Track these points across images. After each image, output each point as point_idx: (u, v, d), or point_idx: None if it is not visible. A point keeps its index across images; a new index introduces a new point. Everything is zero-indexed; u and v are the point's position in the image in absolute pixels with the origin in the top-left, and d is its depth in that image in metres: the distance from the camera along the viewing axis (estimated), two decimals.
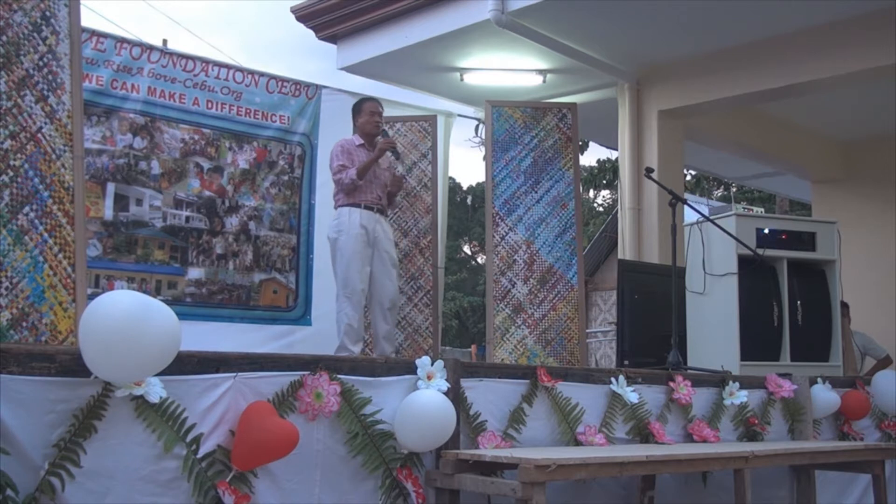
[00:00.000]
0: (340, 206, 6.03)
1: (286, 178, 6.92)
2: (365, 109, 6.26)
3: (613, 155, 10.20)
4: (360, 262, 5.88)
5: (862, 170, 10.43)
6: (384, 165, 6.21)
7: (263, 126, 6.82)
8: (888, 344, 7.91)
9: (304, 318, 6.91)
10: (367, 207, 6.00)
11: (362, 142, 6.17)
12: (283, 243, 6.87)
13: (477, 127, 8.58)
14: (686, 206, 5.81)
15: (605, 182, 28.85)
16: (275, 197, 6.84)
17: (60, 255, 3.42)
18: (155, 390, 2.82)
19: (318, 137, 7.07)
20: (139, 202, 6.18)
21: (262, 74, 6.85)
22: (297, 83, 7.03)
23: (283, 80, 6.95)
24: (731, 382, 4.71)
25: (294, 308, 6.90)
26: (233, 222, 6.60)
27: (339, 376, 3.30)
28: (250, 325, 6.60)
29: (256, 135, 6.78)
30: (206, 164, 6.52)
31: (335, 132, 6.99)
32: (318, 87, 7.14)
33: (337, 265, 5.97)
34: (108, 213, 6.02)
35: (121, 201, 6.09)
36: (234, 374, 3.06)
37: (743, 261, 5.46)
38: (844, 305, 6.57)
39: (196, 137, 6.48)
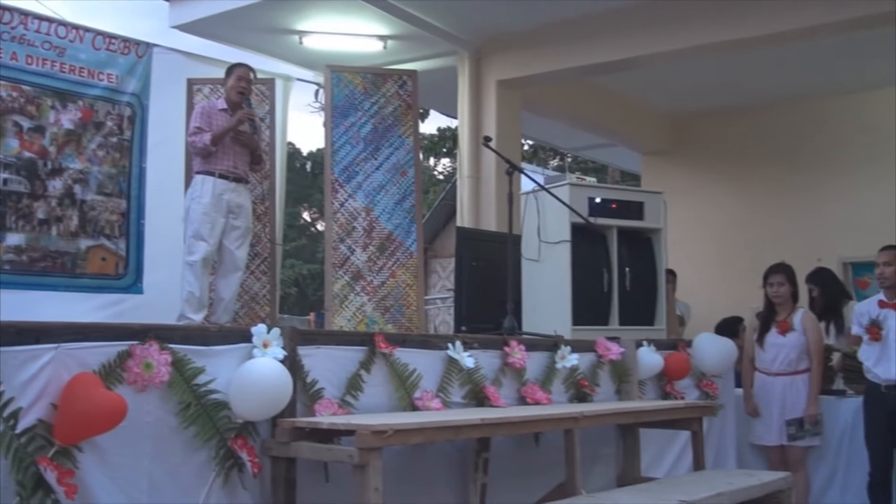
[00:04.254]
0: (196, 172, 5.98)
1: (115, 139, 6.61)
2: (233, 74, 6.16)
3: (453, 123, 10.30)
4: (207, 230, 5.85)
5: (688, 142, 10.94)
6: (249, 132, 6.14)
7: (89, 84, 6.48)
8: (711, 309, 8.35)
9: (135, 286, 6.67)
10: (221, 176, 5.95)
11: (225, 107, 6.09)
12: (112, 208, 6.57)
13: (316, 92, 8.46)
14: (523, 175, 5.92)
15: (445, 150, 29.10)
16: (102, 160, 6.52)
17: None
18: None
19: (149, 98, 6.79)
20: None
21: (87, 30, 6.50)
22: (125, 40, 6.71)
23: (110, 37, 6.62)
24: (562, 346, 4.85)
25: (124, 276, 6.64)
26: (56, 185, 6.26)
27: (170, 345, 3.20)
28: (77, 293, 6.31)
29: (82, 93, 6.44)
30: (25, 124, 6.13)
31: (167, 93, 6.77)
32: (149, 46, 6.84)
33: (186, 232, 5.92)
34: None
35: None
36: (56, 345, 2.91)
37: (575, 229, 5.61)
38: (671, 273, 6.89)
39: (14, 94, 6.09)
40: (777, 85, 9.48)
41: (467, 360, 4.25)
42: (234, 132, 5.98)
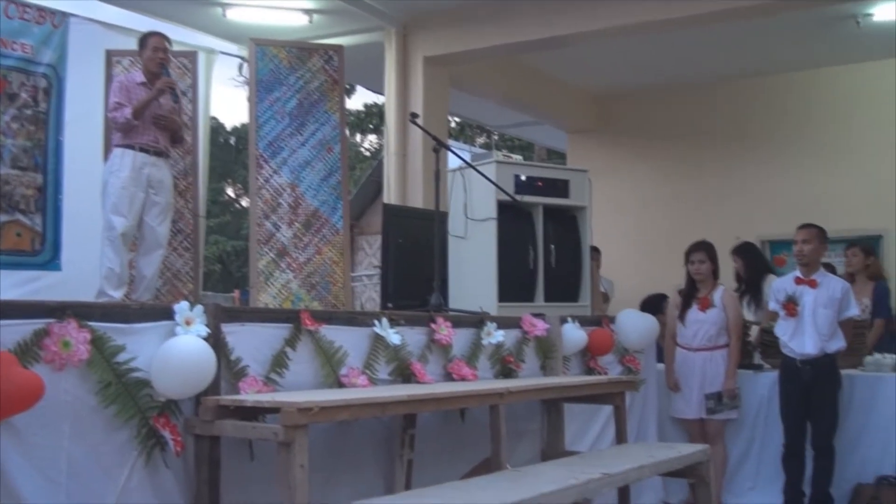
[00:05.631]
0: (115, 146, 5.85)
1: (30, 112, 6.40)
2: (149, 44, 6.02)
3: (380, 99, 10.25)
4: (126, 205, 5.74)
5: (612, 121, 11.08)
6: (167, 106, 5.97)
7: (2, 55, 6.22)
8: (635, 286, 8.48)
9: (52, 263, 6.48)
10: (142, 150, 5.84)
11: (144, 80, 5.93)
12: (28, 183, 6.37)
13: (240, 66, 8.31)
14: (449, 153, 5.92)
15: (371, 126, 28.93)
16: (16, 132, 6.31)
17: None
18: None
19: (66, 70, 6.57)
20: None
21: None
22: (40, 9, 6.48)
23: (24, 5, 6.38)
24: (488, 323, 4.88)
25: (41, 252, 6.45)
26: None
27: (89, 323, 3.13)
28: None
29: None
30: None
31: (85, 65, 6.57)
32: (66, 15, 6.62)
33: (103, 207, 5.79)
34: None
35: None
36: None
37: (502, 206, 5.64)
38: (595, 250, 6.97)
39: None
40: (698, 66, 9.65)
41: (394, 336, 4.25)
42: (155, 116, 5.87)
